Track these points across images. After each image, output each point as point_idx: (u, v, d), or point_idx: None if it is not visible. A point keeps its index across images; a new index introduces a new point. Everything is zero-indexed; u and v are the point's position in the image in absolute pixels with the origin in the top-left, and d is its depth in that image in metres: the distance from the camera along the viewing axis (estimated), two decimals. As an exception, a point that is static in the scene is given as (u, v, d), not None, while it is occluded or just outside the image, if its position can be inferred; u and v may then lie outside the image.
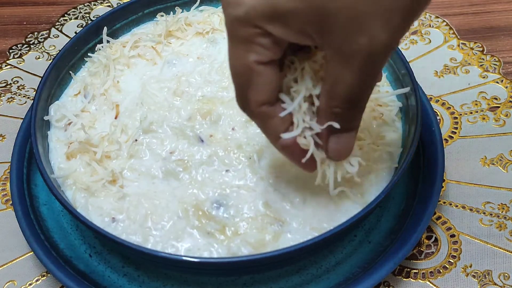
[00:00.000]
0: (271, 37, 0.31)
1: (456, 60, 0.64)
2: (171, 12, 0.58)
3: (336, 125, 0.33)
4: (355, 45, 0.30)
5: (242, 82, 0.33)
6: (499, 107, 0.58)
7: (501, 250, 0.47)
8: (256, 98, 0.34)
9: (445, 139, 0.56)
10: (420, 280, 0.46)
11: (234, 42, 0.32)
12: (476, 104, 0.59)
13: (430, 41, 0.66)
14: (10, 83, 0.64)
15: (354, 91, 0.32)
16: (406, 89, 0.48)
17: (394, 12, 0.29)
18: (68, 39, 0.63)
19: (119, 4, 0.72)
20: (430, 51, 0.65)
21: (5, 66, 0.66)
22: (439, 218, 0.50)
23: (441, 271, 0.46)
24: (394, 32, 0.30)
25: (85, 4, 0.74)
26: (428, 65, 0.63)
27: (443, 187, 0.51)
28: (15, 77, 0.65)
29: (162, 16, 0.58)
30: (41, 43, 0.69)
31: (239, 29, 0.31)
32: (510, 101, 0.59)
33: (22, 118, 0.56)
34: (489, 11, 0.70)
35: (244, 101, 0.34)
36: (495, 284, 0.45)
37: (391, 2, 0.29)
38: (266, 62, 0.32)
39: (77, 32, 0.65)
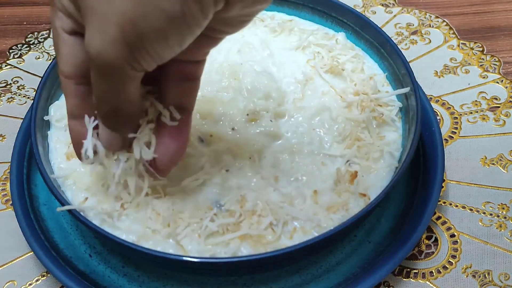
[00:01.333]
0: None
1: (456, 60, 0.64)
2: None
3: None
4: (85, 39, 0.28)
5: (54, 45, 0.32)
6: (499, 107, 0.58)
7: (501, 250, 0.47)
8: (60, 67, 0.32)
9: (445, 139, 0.56)
10: (420, 280, 0.46)
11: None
12: (476, 104, 0.59)
13: (430, 41, 0.66)
14: (10, 83, 0.64)
15: (96, 90, 0.30)
16: (406, 89, 0.48)
17: (110, 19, 0.26)
18: (68, 39, 0.63)
19: (119, 4, 0.72)
20: (430, 51, 0.65)
21: (5, 66, 0.66)
22: (439, 218, 0.50)
23: (441, 271, 0.46)
24: (109, 43, 0.26)
25: (85, 4, 0.74)
26: (428, 65, 0.63)
27: (443, 187, 0.51)
28: (15, 77, 0.65)
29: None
30: (41, 43, 0.69)
31: None
32: (510, 101, 0.59)
33: (22, 118, 0.56)
34: (489, 11, 0.70)
35: (57, 64, 0.33)
36: (495, 284, 0.45)
37: (107, 4, 0.26)
38: (70, 32, 0.30)
39: (77, 32, 0.65)
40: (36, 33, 0.71)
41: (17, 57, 0.67)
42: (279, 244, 0.41)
